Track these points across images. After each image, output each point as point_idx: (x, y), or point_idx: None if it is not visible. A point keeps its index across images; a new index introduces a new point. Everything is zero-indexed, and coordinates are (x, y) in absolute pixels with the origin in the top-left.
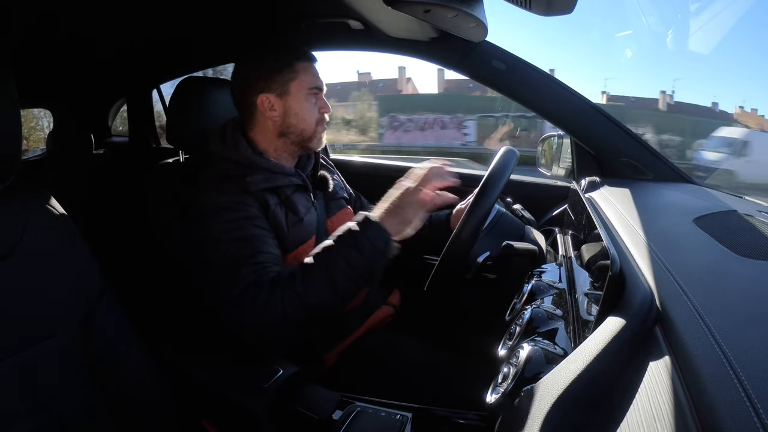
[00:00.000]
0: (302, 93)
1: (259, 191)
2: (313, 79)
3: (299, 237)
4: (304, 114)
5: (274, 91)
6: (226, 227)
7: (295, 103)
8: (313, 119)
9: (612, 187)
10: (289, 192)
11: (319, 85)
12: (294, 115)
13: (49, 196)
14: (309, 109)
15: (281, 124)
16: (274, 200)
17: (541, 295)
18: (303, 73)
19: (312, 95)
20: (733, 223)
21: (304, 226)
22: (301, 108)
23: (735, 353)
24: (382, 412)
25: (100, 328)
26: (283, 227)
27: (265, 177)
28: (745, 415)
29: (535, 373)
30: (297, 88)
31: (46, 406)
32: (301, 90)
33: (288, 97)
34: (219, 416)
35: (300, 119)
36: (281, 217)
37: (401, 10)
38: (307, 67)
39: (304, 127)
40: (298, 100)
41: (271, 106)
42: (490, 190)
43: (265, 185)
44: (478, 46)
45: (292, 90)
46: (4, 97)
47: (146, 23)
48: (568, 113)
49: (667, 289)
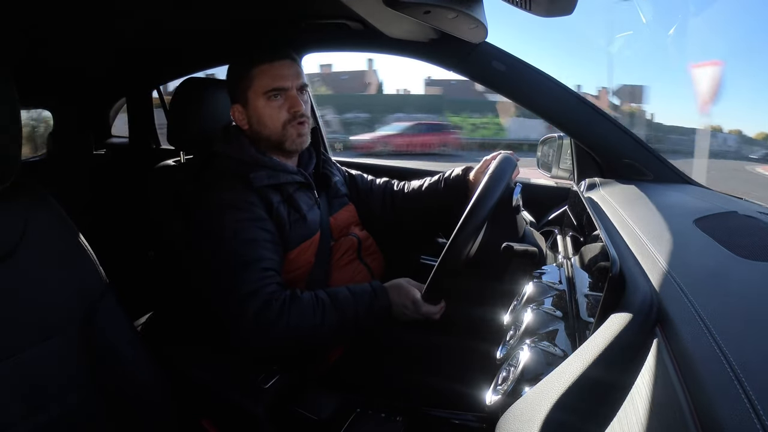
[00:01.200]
0: (260, 99)
1: (263, 188)
2: (270, 81)
3: (301, 234)
4: (265, 120)
5: (240, 101)
6: (233, 226)
7: (255, 111)
8: (279, 122)
9: (612, 188)
10: (291, 190)
11: (278, 85)
12: (257, 122)
13: (49, 197)
14: (270, 114)
15: (250, 131)
16: (277, 198)
17: (541, 296)
18: (258, 78)
19: (272, 98)
20: (733, 224)
21: (306, 224)
22: (262, 115)
23: (735, 354)
24: (381, 414)
25: (101, 329)
26: (285, 225)
27: (269, 174)
28: (745, 416)
29: (535, 374)
30: (254, 95)
31: (46, 406)
32: (258, 96)
33: (248, 106)
34: (219, 416)
35: (262, 125)
36: (284, 215)
37: (401, 11)
38: (264, 71)
39: (269, 133)
40: (257, 107)
41: (241, 116)
42: (487, 197)
43: (268, 182)
44: (478, 47)
45: (250, 98)
46: (4, 97)
47: (146, 23)
48: (568, 114)
49: (667, 290)
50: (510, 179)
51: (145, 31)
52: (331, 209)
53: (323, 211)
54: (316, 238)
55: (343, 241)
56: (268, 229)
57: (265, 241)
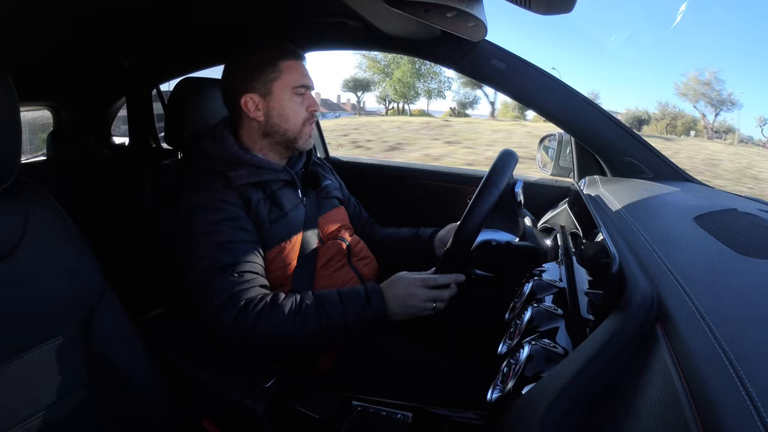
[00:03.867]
0: (286, 92)
1: (242, 186)
2: (299, 78)
3: (282, 232)
4: (288, 114)
5: (258, 91)
6: (206, 229)
7: (279, 103)
8: (299, 119)
9: (612, 186)
10: (275, 187)
11: (305, 83)
12: (277, 115)
13: (49, 196)
14: (294, 109)
15: (265, 124)
16: (258, 195)
17: (542, 294)
18: (287, 72)
19: (297, 94)
20: (733, 222)
21: (287, 222)
22: (285, 108)
23: (735, 351)
24: (382, 412)
25: (101, 329)
26: (264, 223)
27: (250, 172)
28: (745, 413)
29: (536, 372)
30: (280, 87)
31: (46, 405)
32: (285, 89)
33: (271, 97)
34: (219, 416)
35: (284, 119)
36: (264, 213)
37: (401, 9)
38: (292, 66)
39: (288, 128)
40: (281, 100)
41: (255, 107)
42: (489, 193)
43: (248, 180)
44: (477, 45)
45: (275, 90)
46: (4, 97)
47: (146, 23)
48: (568, 112)
49: (668, 287)
50: (512, 174)
51: (145, 31)
52: (321, 210)
53: (310, 210)
54: (298, 238)
55: (331, 245)
56: (245, 228)
57: (243, 242)
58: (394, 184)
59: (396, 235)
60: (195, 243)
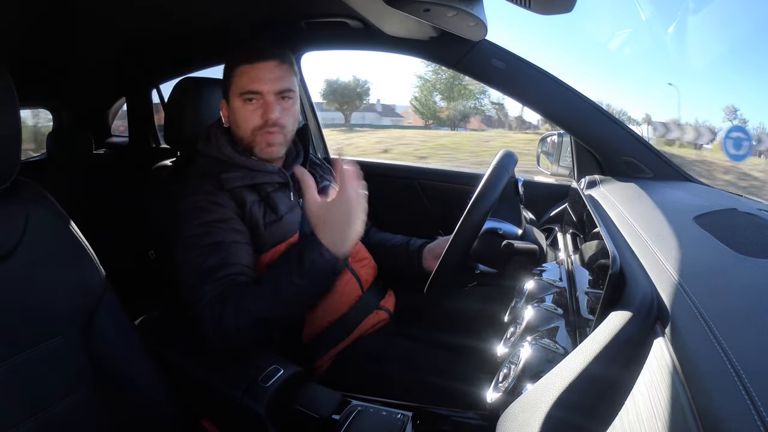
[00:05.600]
0: (236, 99)
1: (236, 188)
2: (247, 83)
3: (277, 236)
4: (239, 121)
5: (225, 96)
6: (197, 231)
7: (233, 110)
8: (249, 126)
9: (612, 186)
10: (270, 189)
11: (253, 88)
12: (233, 122)
13: (49, 197)
14: (244, 116)
15: (231, 129)
16: (252, 197)
17: (542, 293)
18: (238, 77)
19: (246, 101)
20: (733, 222)
21: (283, 225)
22: (236, 115)
23: (735, 351)
24: (382, 412)
25: (101, 329)
26: (259, 225)
27: (243, 174)
28: (745, 413)
29: (536, 371)
30: (233, 94)
31: (46, 406)
32: (236, 96)
33: (230, 104)
34: (219, 416)
35: (236, 126)
36: (258, 215)
37: (401, 9)
38: (245, 71)
39: (242, 135)
40: (234, 107)
41: (225, 113)
42: (488, 192)
43: (242, 182)
44: (477, 45)
45: (231, 96)
46: (4, 97)
47: (146, 22)
48: (568, 112)
49: (668, 287)
50: (512, 173)
51: (145, 30)
52: None
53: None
54: (293, 240)
55: None
56: (237, 229)
57: (234, 243)
58: (394, 184)
59: (387, 242)
60: (185, 246)
